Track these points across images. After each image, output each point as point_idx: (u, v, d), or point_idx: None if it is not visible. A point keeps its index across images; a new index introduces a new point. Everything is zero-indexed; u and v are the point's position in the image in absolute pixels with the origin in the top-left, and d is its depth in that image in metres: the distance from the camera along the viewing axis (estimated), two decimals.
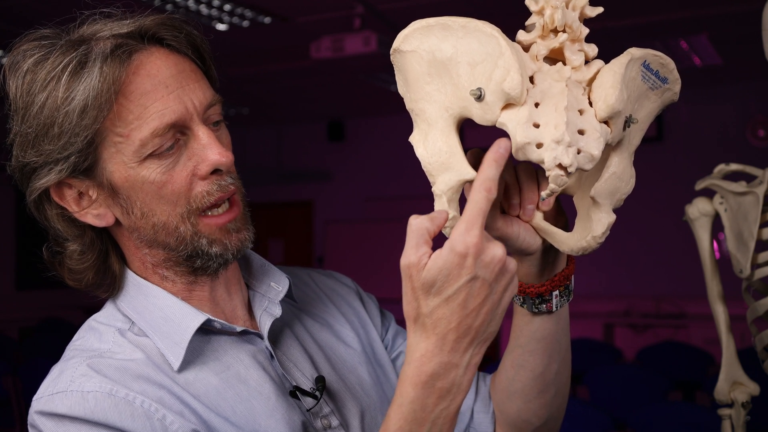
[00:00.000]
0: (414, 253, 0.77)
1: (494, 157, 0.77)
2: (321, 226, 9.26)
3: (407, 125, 0.89)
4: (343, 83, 6.97)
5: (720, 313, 1.74)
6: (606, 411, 3.50)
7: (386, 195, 8.81)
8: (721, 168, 1.73)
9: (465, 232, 0.75)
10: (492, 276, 0.77)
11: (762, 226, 1.60)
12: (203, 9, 4.87)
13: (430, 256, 0.77)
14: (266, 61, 6.17)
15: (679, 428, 3.28)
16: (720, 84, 7.04)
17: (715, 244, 1.78)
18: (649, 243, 7.23)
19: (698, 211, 1.75)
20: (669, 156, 7.24)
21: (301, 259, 9.07)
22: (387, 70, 6.19)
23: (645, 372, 4.28)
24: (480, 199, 0.76)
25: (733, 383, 1.71)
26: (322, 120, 9.06)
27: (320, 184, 9.21)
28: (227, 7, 4.83)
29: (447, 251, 0.75)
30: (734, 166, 1.72)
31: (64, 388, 0.89)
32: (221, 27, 5.19)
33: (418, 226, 0.78)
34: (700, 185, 1.73)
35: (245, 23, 5.14)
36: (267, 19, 5.10)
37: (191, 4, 4.78)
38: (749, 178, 1.69)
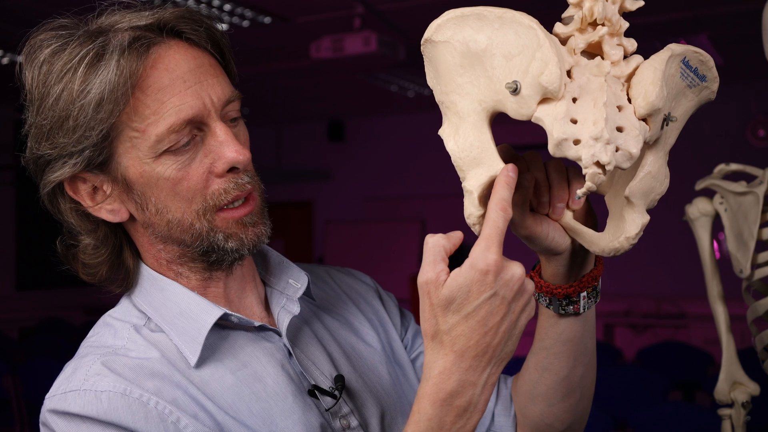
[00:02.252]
0: (432, 269, 0.78)
1: (506, 180, 0.79)
2: (321, 226, 9.26)
3: (407, 125, 0.88)
4: (343, 83, 6.98)
5: (720, 313, 1.75)
6: (606, 411, 3.50)
7: (386, 195, 8.81)
8: (721, 168, 1.73)
9: (485, 250, 0.76)
10: (511, 294, 0.78)
11: (762, 226, 1.60)
12: (203, 9, 4.87)
13: (447, 273, 0.78)
14: (266, 61, 6.17)
15: (679, 428, 3.28)
16: (720, 84, 7.03)
17: (715, 244, 1.78)
18: (649, 243, 7.23)
19: (698, 211, 1.75)
20: (669, 156, 7.23)
21: (301, 259, 9.01)
22: (387, 70, 6.20)
23: (645, 372, 4.28)
24: (497, 218, 0.77)
25: (733, 383, 1.71)
26: (322, 120, 9.06)
27: (320, 184, 9.21)
28: (227, 7, 4.83)
29: (467, 268, 0.76)
30: (734, 166, 1.72)
31: (78, 386, 0.88)
32: (221, 27, 5.18)
33: (434, 243, 0.79)
34: (700, 185, 1.73)
35: (245, 23, 5.14)
36: (267, 19, 5.10)
37: (191, 3, 4.78)
38: (749, 178, 1.69)
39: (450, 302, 0.77)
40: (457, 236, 0.81)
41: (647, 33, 5.39)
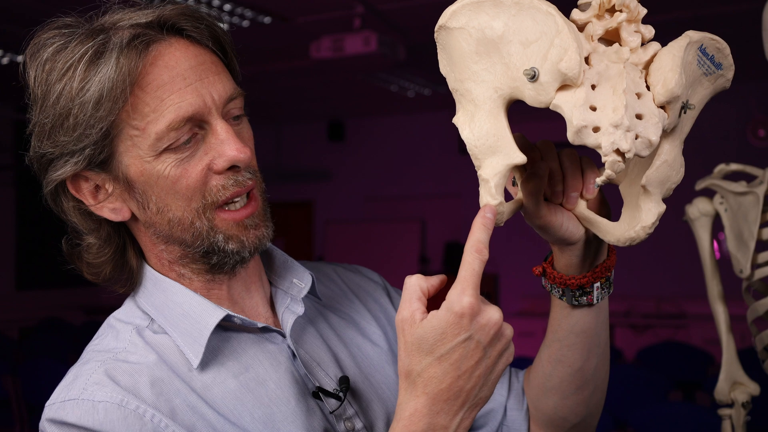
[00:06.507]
0: (407, 308, 0.79)
1: (482, 222, 0.79)
2: (321, 226, 9.26)
3: (407, 125, 0.88)
4: (343, 83, 6.98)
5: (720, 313, 1.75)
6: (606, 411, 3.50)
7: (386, 195, 8.81)
8: (721, 168, 1.73)
9: (461, 293, 0.76)
10: (487, 339, 0.77)
11: (762, 226, 1.60)
12: (203, 9, 4.87)
13: (422, 313, 0.78)
14: (266, 61, 6.17)
15: (679, 428, 3.28)
16: None
17: (715, 244, 1.78)
18: (649, 243, 7.22)
19: (698, 211, 1.75)
20: None
21: (301, 259, 9.05)
22: (387, 70, 6.20)
23: (645, 372, 4.28)
24: (473, 260, 0.77)
25: (733, 383, 1.71)
26: (322, 120, 9.07)
27: (320, 184, 9.21)
28: (227, 7, 4.83)
29: (444, 310, 0.76)
30: (734, 166, 1.72)
31: (76, 395, 0.88)
32: (222, 26, 5.19)
33: (412, 283, 0.80)
34: (700, 185, 1.73)
35: (245, 23, 5.14)
36: (267, 19, 5.10)
37: (191, 3, 4.78)
38: (749, 178, 1.70)
39: (423, 343, 0.77)
40: (438, 279, 0.82)
41: None
